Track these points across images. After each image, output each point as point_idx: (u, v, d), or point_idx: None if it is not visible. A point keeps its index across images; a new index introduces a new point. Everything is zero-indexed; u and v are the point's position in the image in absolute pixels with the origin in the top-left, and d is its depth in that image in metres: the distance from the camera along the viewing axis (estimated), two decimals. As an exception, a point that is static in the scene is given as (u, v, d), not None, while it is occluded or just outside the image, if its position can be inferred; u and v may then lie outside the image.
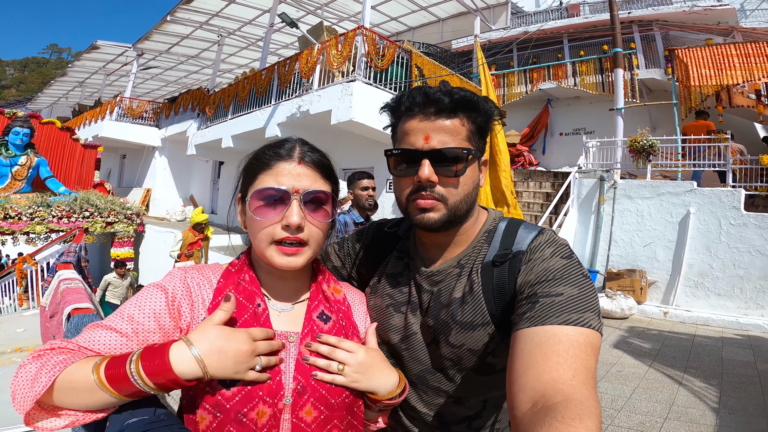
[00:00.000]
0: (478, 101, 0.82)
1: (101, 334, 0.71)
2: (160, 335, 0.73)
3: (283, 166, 0.78)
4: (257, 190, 0.77)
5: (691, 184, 7.22)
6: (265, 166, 0.79)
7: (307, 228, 0.77)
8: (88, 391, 0.63)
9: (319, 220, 0.79)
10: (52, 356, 0.66)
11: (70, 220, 7.75)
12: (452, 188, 0.81)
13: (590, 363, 0.63)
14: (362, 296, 0.98)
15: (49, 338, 2.77)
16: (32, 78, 64.38)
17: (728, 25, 10.90)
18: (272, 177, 0.78)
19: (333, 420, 0.77)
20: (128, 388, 0.63)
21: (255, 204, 0.77)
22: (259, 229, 0.77)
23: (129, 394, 0.64)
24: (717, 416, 3.38)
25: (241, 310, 0.76)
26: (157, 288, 0.77)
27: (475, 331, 0.83)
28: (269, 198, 0.76)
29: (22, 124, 7.59)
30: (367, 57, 7.12)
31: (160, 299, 0.75)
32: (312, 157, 0.81)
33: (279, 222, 0.76)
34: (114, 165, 17.00)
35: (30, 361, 0.66)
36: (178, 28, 12.55)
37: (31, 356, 0.67)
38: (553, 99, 12.41)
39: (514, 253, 0.83)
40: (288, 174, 0.77)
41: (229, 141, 9.81)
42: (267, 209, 0.76)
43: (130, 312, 0.73)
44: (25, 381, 0.63)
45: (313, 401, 0.75)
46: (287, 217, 0.75)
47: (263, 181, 0.78)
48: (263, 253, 0.77)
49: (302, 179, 0.78)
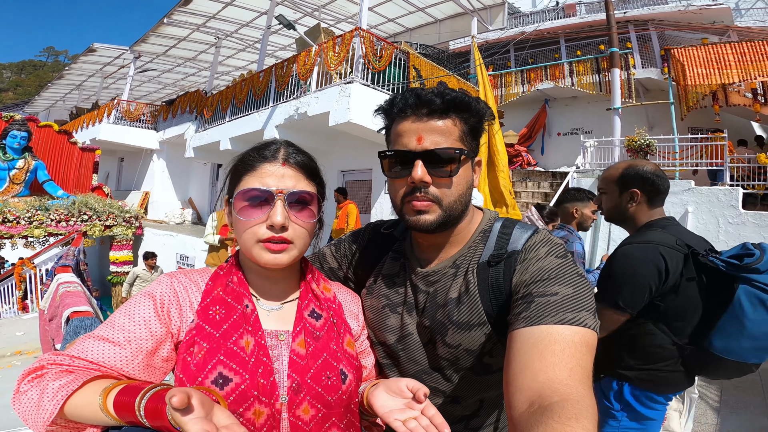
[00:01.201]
0: (470, 102, 0.83)
1: (94, 344, 0.71)
2: (152, 342, 0.73)
3: (267, 167, 0.79)
4: (242, 191, 0.78)
5: (689, 183, 7.24)
6: (250, 168, 0.80)
7: (292, 227, 0.78)
8: (95, 416, 0.64)
9: (304, 220, 0.80)
10: (49, 382, 0.66)
11: (68, 224, 7.74)
12: (446, 188, 0.82)
13: (586, 362, 0.64)
14: (355, 296, 0.98)
15: (48, 341, 2.77)
16: (29, 81, 64.32)
17: (723, 25, 10.95)
18: (256, 178, 0.79)
19: (331, 418, 0.77)
20: (134, 421, 0.63)
21: (240, 204, 0.78)
22: (245, 229, 0.78)
23: (129, 422, 0.64)
24: (718, 415, 3.38)
25: (229, 311, 0.77)
26: (145, 296, 0.77)
27: (471, 331, 0.83)
28: (254, 199, 0.77)
29: (20, 127, 7.57)
30: (365, 58, 7.12)
31: (149, 306, 0.76)
32: (296, 158, 0.82)
33: (264, 222, 0.77)
34: (112, 168, 16.97)
35: (28, 386, 0.67)
36: (175, 30, 12.55)
37: (26, 381, 0.68)
38: (551, 99, 12.44)
39: (509, 252, 0.83)
40: (272, 175, 0.79)
41: (227, 143, 9.81)
42: (252, 209, 0.77)
43: (120, 321, 0.74)
44: (30, 408, 0.65)
45: (310, 399, 0.75)
46: (271, 217, 0.76)
47: (247, 183, 0.79)
48: (250, 252, 0.78)
49: (286, 180, 0.79)
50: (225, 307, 0.77)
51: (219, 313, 0.76)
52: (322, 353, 0.80)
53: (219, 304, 0.78)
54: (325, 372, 0.78)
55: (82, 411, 0.64)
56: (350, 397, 0.80)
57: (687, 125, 10.15)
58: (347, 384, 0.80)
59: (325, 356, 0.80)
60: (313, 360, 0.78)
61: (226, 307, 0.77)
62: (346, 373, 0.80)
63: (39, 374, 0.68)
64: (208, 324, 0.75)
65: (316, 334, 0.81)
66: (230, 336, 0.74)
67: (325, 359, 0.79)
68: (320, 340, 0.81)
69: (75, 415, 0.64)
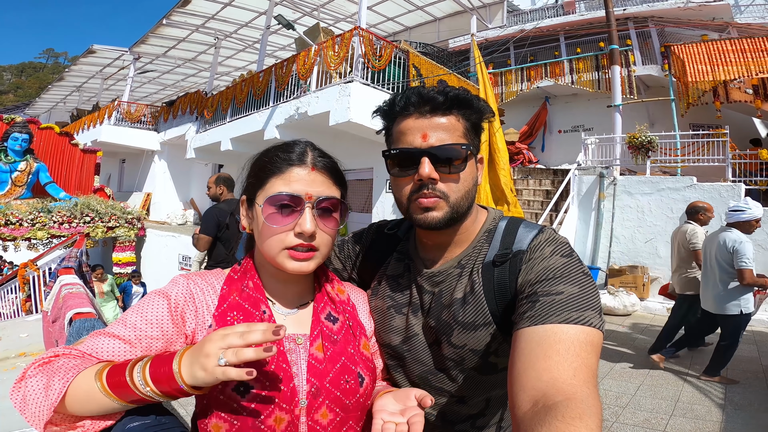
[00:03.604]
0: (471, 99, 0.83)
1: (104, 341, 0.71)
2: (162, 342, 0.73)
3: (296, 171, 0.77)
4: (271, 197, 0.75)
5: (691, 179, 7.22)
6: (278, 171, 0.78)
7: (319, 235, 0.77)
8: (95, 398, 0.63)
9: (331, 227, 0.79)
10: (61, 362, 0.65)
11: (71, 226, 7.76)
12: (453, 184, 0.82)
13: (591, 361, 0.63)
14: (365, 295, 0.98)
15: (51, 343, 2.78)
16: (29, 83, 64.38)
17: (723, 21, 10.91)
18: (285, 182, 0.76)
19: (348, 421, 0.77)
20: (130, 395, 0.63)
21: (268, 210, 0.76)
22: (270, 235, 0.76)
23: (132, 401, 0.64)
24: (723, 412, 3.37)
25: (247, 317, 0.76)
26: (160, 295, 0.76)
27: (476, 331, 0.83)
28: (282, 204, 0.75)
29: (21, 129, 7.59)
30: (364, 57, 7.12)
31: (163, 306, 0.75)
32: (324, 162, 0.81)
33: (291, 229, 0.75)
34: (113, 169, 17.00)
35: (36, 371, 0.65)
36: (175, 31, 12.54)
37: (34, 366, 0.66)
38: (551, 96, 12.42)
39: (514, 252, 0.83)
40: (301, 180, 0.76)
41: (228, 144, 9.82)
42: (279, 216, 0.75)
43: (132, 319, 0.73)
44: (37, 390, 0.62)
45: (328, 403, 0.75)
46: (301, 224, 0.74)
47: (275, 187, 0.77)
48: (274, 259, 0.77)
49: (316, 185, 0.77)
50: (243, 312, 0.76)
51: (237, 319, 0.75)
52: (340, 357, 0.79)
53: (236, 309, 0.77)
54: (344, 376, 0.77)
55: (84, 394, 0.63)
56: (366, 399, 0.80)
57: (688, 122, 10.12)
58: (364, 387, 0.79)
59: (343, 360, 0.79)
60: (331, 364, 0.77)
61: (244, 313, 0.76)
62: (363, 376, 0.80)
63: (48, 361, 0.67)
64: None
65: (333, 338, 0.81)
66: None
67: (343, 363, 0.79)
68: (338, 344, 0.81)
69: (76, 399, 0.62)
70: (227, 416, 0.70)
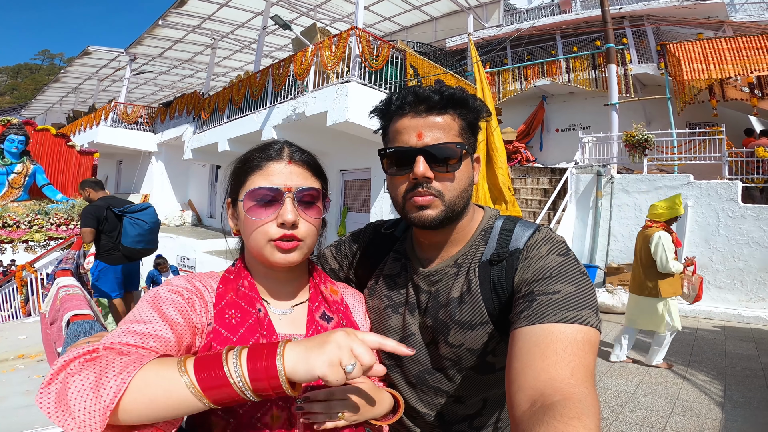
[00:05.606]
0: (467, 98, 0.83)
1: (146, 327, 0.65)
2: (188, 331, 0.70)
3: (274, 165, 0.79)
4: (250, 191, 0.77)
5: (688, 177, 7.25)
6: (256, 168, 0.80)
7: (301, 225, 0.78)
8: (171, 398, 0.55)
9: (313, 217, 0.79)
10: (112, 356, 0.57)
11: (68, 227, 7.73)
12: (448, 183, 0.82)
13: (588, 360, 0.63)
14: (360, 296, 0.98)
15: (50, 345, 2.77)
16: (25, 84, 64.08)
17: (718, 19, 10.96)
18: (264, 177, 0.78)
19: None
20: (224, 392, 0.56)
21: (248, 204, 0.77)
22: (254, 229, 0.77)
23: (219, 400, 0.57)
24: (722, 410, 3.38)
25: (245, 316, 0.76)
26: (168, 290, 0.74)
27: (473, 330, 0.83)
28: (262, 198, 0.76)
29: (17, 131, 7.55)
30: (362, 57, 7.12)
31: (176, 296, 0.73)
32: (301, 156, 0.82)
33: (274, 220, 0.76)
34: (111, 171, 16.95)
35: (81, 367, 0.55)
36: (171, 32, 12.51)
37: (78, 362, 0.55)
38: (548, 95, 12.45)
39: (511, 251, 0.83)
40: (279, 173, 0.78)
41: (225, 144, 9.80)
42: (261, 209, 0.76)
43: (156, 309, 0.69)
44: (84, 391, 0.52)
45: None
46: (282, 214, 0.75)
47: (255, 182, 0.78)
48: (260, 252, 0.77)
49: (294, 177, 0.79)
50: (240, 311, 0.76)
51: (235, 318, 0.76)
52: None
53: (234, 308, 0.77)
54: None
55: (153, 391, 0.54)
56: None
57: (684, 120, 10.16)
58: None
59: None
60: None
61: (241, 312, 0.77)
62: None
63: (93, 357, 0.57)
64: (224, 328, 0.74)
65: None
66: (246, 341, 0.73)
67: None
68: None
69: (139, 400, 0.54)
70: (223, 414, 0.69)
